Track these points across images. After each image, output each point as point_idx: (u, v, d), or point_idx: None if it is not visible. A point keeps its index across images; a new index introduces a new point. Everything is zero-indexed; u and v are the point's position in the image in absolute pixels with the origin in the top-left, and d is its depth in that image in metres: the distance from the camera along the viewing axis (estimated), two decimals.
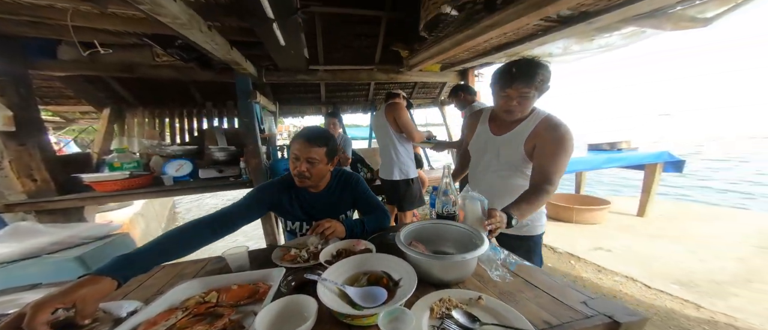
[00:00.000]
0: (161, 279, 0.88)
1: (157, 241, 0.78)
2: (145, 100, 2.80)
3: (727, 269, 1.90)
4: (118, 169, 2.10)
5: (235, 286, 0.72)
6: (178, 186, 2.16)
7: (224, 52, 1.42)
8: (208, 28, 1.19)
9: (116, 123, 2.71)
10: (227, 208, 0.98)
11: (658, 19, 1.36)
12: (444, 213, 0.99)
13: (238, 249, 0.90)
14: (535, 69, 0.91)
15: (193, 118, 2.91)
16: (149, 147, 2.43)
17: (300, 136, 1.04)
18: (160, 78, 2.25)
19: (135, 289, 0.82)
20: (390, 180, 2.02)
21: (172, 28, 1.05)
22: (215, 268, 0.92)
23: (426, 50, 2.20)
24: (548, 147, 0.95)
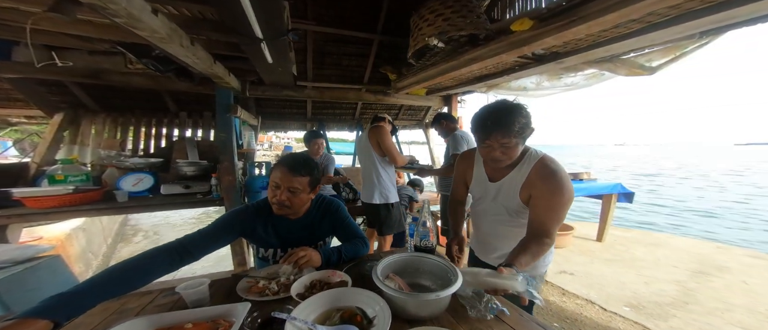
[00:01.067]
0: (96, 317, 0.74)
1: (104, 274, 0.70)
2: (109, 106, 2.58)
3: (668, 292, 2.09)
4: (61, 182, 1.87)
5: (189, 325, 0.64)
6: (133, 203, 1.96)
7: (206, 66, 1.38)
8: (191, 42, 1.15)
9: (68, 130, 2.43)
10: (193, 234, 0.91)
11: (614, 64, 1.58)
12: (421, 245, 1.00)
13: (197, 282, 0.80)
14: (512, 117, 0.83)
15: (163, 128, 2.71)
16: (106, 158, 2.21)
17: (282, 163, 0.99)
18: (130, 85, 2.10)
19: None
20: (371, 203, 2.01)
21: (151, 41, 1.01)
22: (166, 303, 0.81)
23: (413, 76, 2.31)
24: (544, 200, 0.88)
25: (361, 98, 3.09)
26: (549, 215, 0.87)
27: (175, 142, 2.60)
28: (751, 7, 0.87)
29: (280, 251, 1.06)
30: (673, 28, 1.04)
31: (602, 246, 3.05)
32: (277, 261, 1.05)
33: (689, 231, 5.97)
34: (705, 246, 3.06)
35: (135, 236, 4.94)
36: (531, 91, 2.30)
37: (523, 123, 0.84)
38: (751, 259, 2.66)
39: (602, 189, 3.00)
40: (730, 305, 1.91)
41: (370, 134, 1.96)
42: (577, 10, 0.99)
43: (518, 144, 0.87)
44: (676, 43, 1.32)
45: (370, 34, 2.47)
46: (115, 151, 2.30)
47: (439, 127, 2.44)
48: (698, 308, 1.89)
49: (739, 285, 2.19)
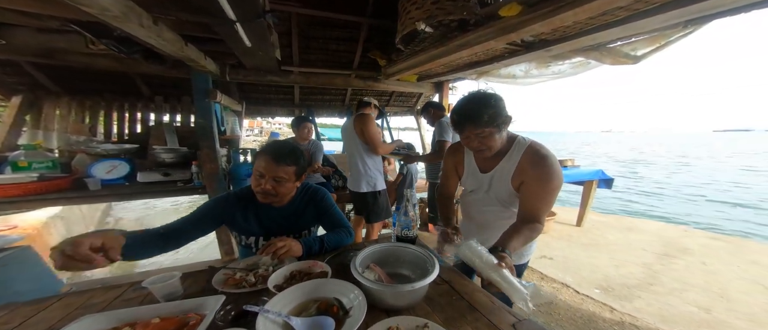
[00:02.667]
0: (57, 312, 0.71)
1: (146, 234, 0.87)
2: (73, 89, 2.39)
3: (635, 274, 2.25)
4: (25, 169, 1.76)
5: (157, 319, 0.62)
6: (107, 191, 1.86)
7: (176, 48, 1.27)
8: (154, 21, 1.05)
9: (29, 114, 2.26)
10: (176, 222, 0.93)
11: (600, 53, 1.60)
12: (403, 235, 1.01)
13: (167, 275, 0.77)
14: (481, 109, 0.85)
15: (137, 113, 2.55)
16: (74, 143, 2.07)
17: (267, 152, 0.96)
18: (93, 67, 1.94)
19: (16, 327, 0.66)
20: (358, 192, 2.01)
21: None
22: (135, 297, 0.78)
23: (403, 61, 2.25)
24: (535, 185, 0.89)
25: (351, 84, 2.99)
26: (540, 201, 0.89)
27: (152, 127, 2.47)
28: None
29: (263, 240, 1.05)
30: (660, 17, 1.04)
31: (581, 231, 3.20)
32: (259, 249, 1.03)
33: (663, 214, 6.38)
34: (672, 229, 3.28)
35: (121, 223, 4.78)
36: (520, 78, 2.29)
37: (492, 113, 0.85)
38: (710, 241, 2.87)
39: (584, 175, 3.10)
40: (688, 285, 2.07)
41: (355, 122, 1.92)
42: None
43: (493, 133, 0.88)
44: (662, 31, 1.33)
45: (358, 18, 2.35)
46: (84, 136, 2.15)
47: (427, 115, 2.41)
48: (660, 289, 2.04)
49: (698, 266, 2.37)
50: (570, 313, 1.79)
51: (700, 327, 1.63)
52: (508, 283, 0.71)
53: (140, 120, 2.56)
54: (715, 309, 1.80)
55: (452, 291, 0.82)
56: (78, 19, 1.10)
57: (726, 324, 1.66)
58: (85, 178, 1.86)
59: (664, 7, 1.00)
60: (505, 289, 0.70)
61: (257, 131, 35.14)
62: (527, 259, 1.11)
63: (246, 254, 1.08)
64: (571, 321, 1.72)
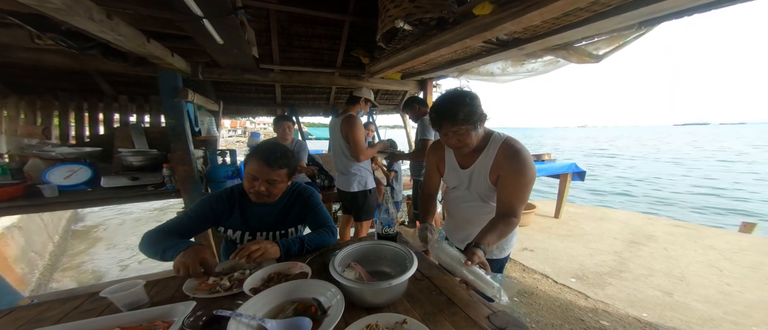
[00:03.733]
0: (6, 328, 0.68)
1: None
2: (21, 88, 2.18)
3: (607, 262, 2.38)
4: None
5: (117, 329, 0.59)
6: (66, 198, 1.72)
7: (136, 44, 1.19)
8: (108, 15, 0.97)
9: None
10: (169, 224, 0.96)
11: (567, 52, 1.69)
12: (384, 233, 1.01)
13: (129, 283, 0.73)
14: (456, 107, 0.89)
15: (99, 113, 2.37)
16: (26, 147, 1.89)
17: (258, 156, 0.97)
18: (42, 64, 1.78)
19: None
20: (348, 191, 1.99)
21: None
22: (94, 308, 0.73)
23: (385, 59, 2.25)
24: (510, 179, 0.93)
25: (335, 83, 2.95)
26: (515, 194, 0.94)
27: (117, 128, 2.31)
28: (677, 0, 0.97)
29: (248, 235, 1.06)
30: (616, 18, 1.12)
31: (558, 222, 3.35)
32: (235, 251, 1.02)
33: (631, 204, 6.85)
34: (639, 218, 3.51)
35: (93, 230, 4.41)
36: (498, 76, 2.37)
37: (468, 111, 0.88)
38: (673, 228, 3.10)
39: (559, 168, 3.26)
40: (652, 271, 2.23)
41: (341, 125, 1.90)
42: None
43: (469, 131, 0.91)
44: (619, 32, 1.44)
45: (340, 15, 2.33)
46: (36, 139, 1.97)
47: (411, 111, 2.43)
48: (629, 275, 2.17)
49: (662, 252, 2.55)
50: (549, 303, 1.87)
51: (664, 310, 1.75)
52: (480, 278, 0.74)
53: (103, 121, 2.38)
54: (676, 292, 1.94)
55: (433, 286, 0.83)
56: (16, 10, 1.00)
57: (686, 306, 1.79)
58: (40, 184, 1.70)
59: (619, 9, 1.09)
60: (479, 286, 0.73)
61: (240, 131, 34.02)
62: (508, 253, 1.15)
63: (230, 249, 1.07)
64: (550, 310, 1.79)
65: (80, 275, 2.79)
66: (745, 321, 1.62)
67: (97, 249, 3.66)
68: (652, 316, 1.70)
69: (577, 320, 1.70)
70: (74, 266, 3.13)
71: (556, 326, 1.65)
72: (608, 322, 1.67)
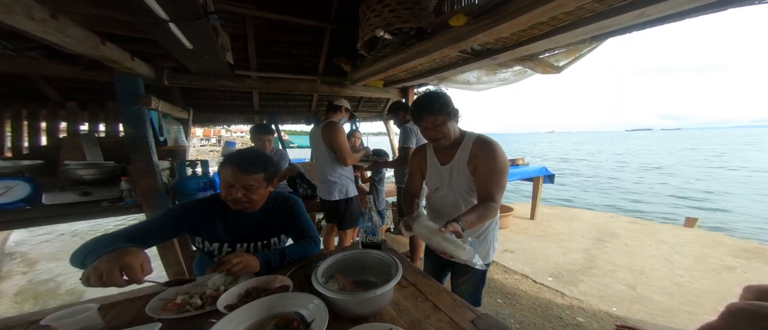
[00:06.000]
0: None
1: None
2: None
3: (578, 260, 2.52)
4: None
5: None
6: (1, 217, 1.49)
7: (88, 47, 1.08)
8: (52, 15, 0.87)
9: None
10: (136, 228, 0.89)
11: (533, 62, 1.84)
12: (368, 241, 0.99)
13: (80, 308, 0.64)
14: (432, 100, 1.02)
15: (40, 122, 2.10)
16: None
17: (231, 162, 0.92)
18: None
19: None
20: (329, 200, 1.95)
21: None
22: None
23: (367, 67, 2.28)
24: (484, 166, 1.03)
25: (316, 90, 2.93)
26: (491, 180, 1.02)
27: (64, 139, 2.06)
28: (618, 19, 1.13)
29: (227, 246, 0.99)
30: (570, 33, 1.27)
31: (534, 223, 3.52)
32: (228, 253, 0.98)
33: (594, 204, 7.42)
34: (603, 216, 3.79)
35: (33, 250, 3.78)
36: (473, 84, 2.50)
37: (442, 102, 1.02)
38: (631, 225, 3.39)
39: (532, 172, 3.45)
40: (617, 266, 2.39)
41: (323, 131, 1.86)
42: (499, 9, 1.11)
43: (445, 121, 1.03)
44: (575, 46, 1.61)
45: (321, 23, 2.33)
46: None
47: (395, 117, 2.45)
48: (597, 271, 2.31)
49: (623, 247, 2.75)
50: (530, 303, 1.92)
51: (630, 303, 1.87)
52: (452, 243, 0.78)
53: (46, 130, 2.11)
54: (638, 285, 2.09)
55: (418, 293, 0.82)
56: None
57: (647, 298, 1.93)
58: None
59: (573, 25, 1.25)
60: (452, 251, 0.78)
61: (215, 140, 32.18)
62: (491, 260, 1.20)
63: (205, 263, 0.99)
64: (532, 310, 1.85)
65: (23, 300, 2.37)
66: (697, 310, 1.77)
67: (41, 269, 3.15)
68: (620, 309, 1.81)
69: (556, 318, 1.76)
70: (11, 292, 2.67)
71: (538, 326, 1.70)
72: (583, 318, 1.74)
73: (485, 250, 1.16)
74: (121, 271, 0.64)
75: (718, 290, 1.98)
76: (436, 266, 1.37)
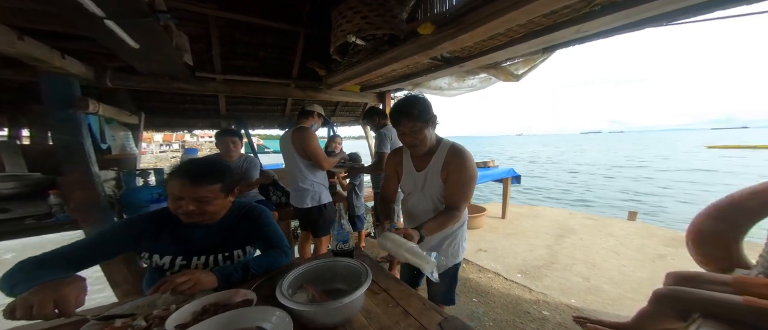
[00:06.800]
0: None
1: None
2: None
3: (543, 256, 2.69)
4: None
5: None
6: None
7: (3, 43, 0.92)
8: None
9: None
10: (77, 245, 0.81)
11: (496, 70, 1.98)
12: (338, 249, 0.96)
13: None
14: (411, 106, 1.02)
15: None
16: None
17: (180, 174, 0.84)
18: None
19: None
20: (302, 208, 1.87)
21: None
22: None
23: (342, 72, 2.26)
24: (454, 176, 1.05)
25: (290, 94, 2.82)
26: (457, 189, 1.05)
27: None
28: (561, 33, 1.26)
29: (182, 260, 0.90)
30: (525, 44, 1.40)
31: (505, 222, 3.69)
32: (180, 270, 0.88)
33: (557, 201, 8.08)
34: (562, 213, 4.10)
35: None
36: (445, 90, 2.62)
37: (421, 109, 1.02)
38: (586, 220, 3.71)
39: (501, 174, 3.66)
40: (574, 260, 2.58)
41: (293, 137, 1.80)
42: (462, 20, 1.18)
43: (423, 128, 1.03)
44: (530, 56, 1.77)
45: (293, 26, 2.27)
46: None
47: (371, 122, 2.45)
48: (558, 266, 2.48)
49: (579, 242, 2.98)
50: (502, 300, 2.00)
51: (586, 294, 2.03)
52: (416, 256, 0.81)
53: None
54: (592, 277, 2.27)
55: (389, 299, 0.81)
56: None
57: (600, 289, 2.10)
58: None
59: (526, 37, 1.36)
60: (416, 263, 0.80)
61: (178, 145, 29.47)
62: (460, 259, 1.23)
63: (153, 281, 0.87)
64: (504, 307, 1.92)
65: None
66: (639, 296, 1.95)
67: None
68: (578, 301, 1.95)
69: (524, 313, 1.84)
70: None
71: (509, 322, 1.77)
72: (548, 311, 1.85)
73: (454, 249, 1.19)
74: (56, 304, 0.59)
75: (654, 277, 2.20)
76: (411, 271, 1.37)
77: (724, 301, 0.87)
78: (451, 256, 1.18)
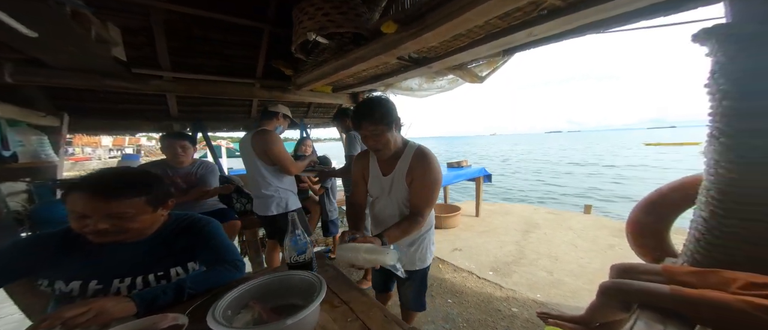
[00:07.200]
0: None
1: None
2: None
3: (511, 252, 2.78)
4: None
5: None
6: None
7: None
8: None
9: None
10: None
11: (463, 72, 2.01)
12: (294, 262, 0.87)
13: None
14: (372, 108, 0.97)
15: None
16: None
17: (85, 188, 0.70)
18: None
19: None
20: (267, 216, 1.73)
21: None
22: None
23: (309, 72, 2.16)
24: (419, 180, 1.02)
25: (254, 95, 2.63)
26: (422, 195, 1.03)
27: None
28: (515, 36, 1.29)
29: (97, 284, 0.75)
30: (486, 45, 1.44)
31: (478, 220, 3.78)
32: (93, 296, 0.74)
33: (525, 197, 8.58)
34: (528, 209, 4.32)
35: None
36: (416, 91, 2.64)
37: (383, 112, 0.97)
38: (548, 215, 3.92)
39: (473, 173, 3.76)
40: (539, 254, 2.70)
41: (254, 141, 1.65)
42: (423, 19, 1.17)
43: (385, 131, 0.98)
44: (492, 58, 1.83)
45: (257, 23, 2.12)
46: None
47: (340, 123, 2.38)
48: (525, 261, 2.58)
49: (543, 236, 3.13)
50: (475, 299, 2.02)
51: (550, 288, 2.11)
52: (374, 252, 0.79)
53: None
54: (554, 270, 2.38)
55: (349, 312, 0.75)
56: None
57: (561, 282, 2.19)
58: None
59: (486, 39, 1.40)
60: (378, 260, 0.78)
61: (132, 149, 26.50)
62: (428, 264, 1.20)
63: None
64: (477, 306, 1.94)
65: None
66: (594, 287, 1.96)
67: None
68: (543, 295, 2.03)
69: (495, 311, 1.87)
70: None
71: (482, 321, 1.78)
72: (517, 308, 1.90)
73: (421, 254, 1.16)
74: None
75: (605, 268, 2.25)
76: (382, 275, 1.33)
77: (655, 292, 0.92)
78: (418, 260, 1.15)
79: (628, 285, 1.00)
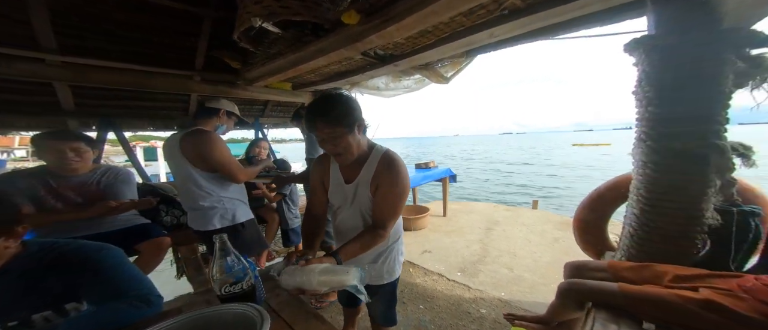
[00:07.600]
0: None
1: None
2: None
3: (477, 251, 2.85)
4: None
5: None
6: None
7: None
8: None
9: None
10: None
11: (429, 72, 1.99)
12: (226, 294, 0.69)
13: None
14: (328, 106, 0.82)
15: None
16: None
17: None
18: None
19: None
20: (207, 231, 1.42)
21: None
22: None
23: (261, 65, 1.91)
24: (383, 189, 0.91)
25: (193, 89, 2.27)
26: (386, 206, 0.92)
27: None
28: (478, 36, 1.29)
29: None
30: (450, 45, 1.43)
31: (445, 220, 3.84)
32: None
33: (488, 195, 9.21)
34: (489, 207, 4.55)
35: None
36: (383, 90, 2.55)
37: (342, 110, 0.83)
38: (505, 212, 4.16)
39: (440, 174, 3.82)
40: (501, 251, 2.81)
41: (183, 144, 1.34)
42: (387, 10, 1.09)
43: (345, 134, 0.84)
44: (456, 58, 1.84)
45: (195, 7, 1.82)
46: None
47: (301, 124, 2.16)
48: (489, 259, 2.66)
49: (503, 233, 3.29)
50: (445, 302, 1.99)
51: (512, 285, 2.18)
52: (331, 272, 0.71)
53: None
54: (514, 267, 2.46)
55: None
56: None
57: (521, 278, 2.22)
58: None
59: (451, 37, 1.39)
60: (338, 283, 0.70)
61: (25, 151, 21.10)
62: (397, 275, 1.11)
63: None
64: (447, 310, 1.90)
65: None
66: (548, 280, 2.21)
67: None
68: (507, 293, 2.09)
69: (465, 314, 1.86)
70: None
71: (452, 326, 1.75)
72: (485, 309, 1.91)
73: (390, 266, 1.06)
74: None
75: (555, 260, 2.51)
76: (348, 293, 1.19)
77: (606, 290, 0.94)
78: (386, 273, 1.05)
79: (582, 285, 1.03)
